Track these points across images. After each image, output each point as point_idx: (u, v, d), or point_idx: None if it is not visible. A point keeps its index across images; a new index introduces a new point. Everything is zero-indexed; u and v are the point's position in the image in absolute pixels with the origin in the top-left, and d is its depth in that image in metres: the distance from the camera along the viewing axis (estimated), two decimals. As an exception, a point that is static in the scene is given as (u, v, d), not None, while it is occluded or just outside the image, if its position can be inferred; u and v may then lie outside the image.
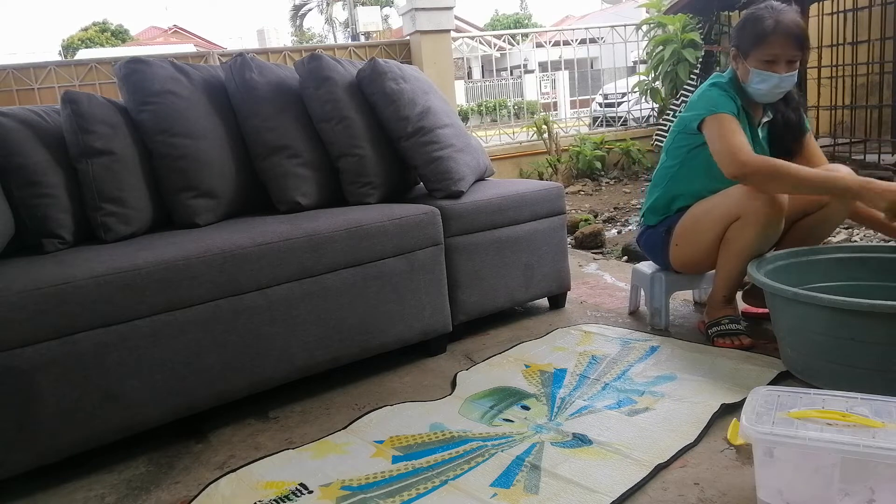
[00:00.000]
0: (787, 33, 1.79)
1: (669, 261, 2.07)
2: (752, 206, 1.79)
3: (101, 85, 4.43)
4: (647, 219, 2.13)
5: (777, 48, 1.81)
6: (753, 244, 1.81)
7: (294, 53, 5.05)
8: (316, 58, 2.08)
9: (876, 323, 1.46)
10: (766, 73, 1.83)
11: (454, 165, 2.14)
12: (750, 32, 1.84)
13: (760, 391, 1.24)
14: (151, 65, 1.92)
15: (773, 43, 1.80)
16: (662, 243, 2.07)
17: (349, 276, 1.82)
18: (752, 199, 1.79)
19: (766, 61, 1.82)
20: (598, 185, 5.50)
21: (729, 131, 1.81)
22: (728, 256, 1.88)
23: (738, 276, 1.92)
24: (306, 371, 1.78)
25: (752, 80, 1.86)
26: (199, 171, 1.89)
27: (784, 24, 1.79)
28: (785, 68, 1.83)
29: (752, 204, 1.78)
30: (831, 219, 1.91)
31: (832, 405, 1.17)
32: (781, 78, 1.83)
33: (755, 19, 1.83)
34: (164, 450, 1.60)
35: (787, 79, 1.84)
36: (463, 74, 11.07)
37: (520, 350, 2.04)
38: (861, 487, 1.03)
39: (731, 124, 1.82)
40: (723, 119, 1.83)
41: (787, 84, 1.85)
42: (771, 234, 1.83)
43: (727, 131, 1.81)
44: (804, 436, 1.06)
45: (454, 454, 1.45)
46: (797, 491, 1.09)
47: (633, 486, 1.28)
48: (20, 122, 1.73)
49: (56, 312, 1.40)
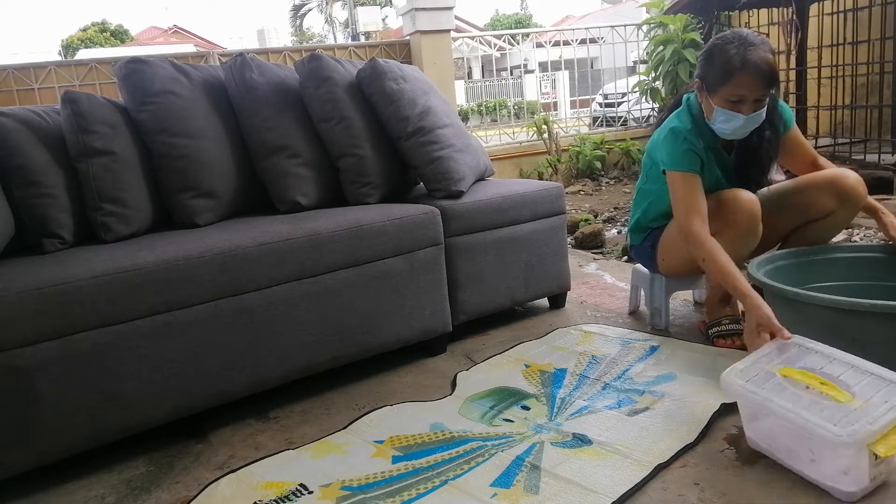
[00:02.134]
0: (755, 73, 1.64)
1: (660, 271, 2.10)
2: (725, 217, 1.78)
3: (101, 85, 4.43)
4: (633, 238, 2.16)
5: (743, 89, 1.67)
6: (735, 252, 1.76)
7: (294, 53, 5.05)
8: (316, 58, 2.08)
9: (876, 323, 1.46)
10: (730, 112, 1.70)
11: (454, 165, 2.14)
12: (715, 67, 1.70)
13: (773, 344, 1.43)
14: (151, 65, 1.92)
15: (739, 83, 1.66)
16: (650, 257, 2.09)
17: (349, 276, 1.82)
18: (726, 212, 1.78)
19: (732, 101, 1.69)
20: (598, 185, 5.50)
21: (684, 192, 1.79)
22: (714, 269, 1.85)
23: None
24: (306, 371, 1.78)
25: (717, 119, 1.74)
26: (199, 171, 1.89)
27: (752, 63, 1.64)
28: (751, 108, 1.69)
29: (726, 216, 1.78)
30: (836, 226, 1.91)
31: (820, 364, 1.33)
32: (747, 119, 1.70)
33: (722, 54, 1.68)
34: (164, 450, 1.60)
35: (753, 119, 1.71)
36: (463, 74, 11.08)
37: (520, 350, 2.04)
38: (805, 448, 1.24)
39: (687, 183, 1.78)
40: (679, 180, 1.79)
41: (752, 125, 1.73)
42: (750, 241, 1.82)
43: (684, 192, 1.79)
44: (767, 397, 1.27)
45: (454, 454, 1.45)
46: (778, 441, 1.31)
47: (633, 487, 1.28)
48: (20, 122, 1.73)
49: (56, 312, 1.40)
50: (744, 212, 1.77)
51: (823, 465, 1.20)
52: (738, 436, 1.45)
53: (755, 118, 1.72)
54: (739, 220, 1.77)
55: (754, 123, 1.74)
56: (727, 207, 1.79)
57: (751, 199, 1.79)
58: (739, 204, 1.77)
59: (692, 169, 1.79)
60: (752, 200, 1.78)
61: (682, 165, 1.79)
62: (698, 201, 1.77)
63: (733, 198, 1.79)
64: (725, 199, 1.80)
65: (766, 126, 1.79)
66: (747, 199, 1.78)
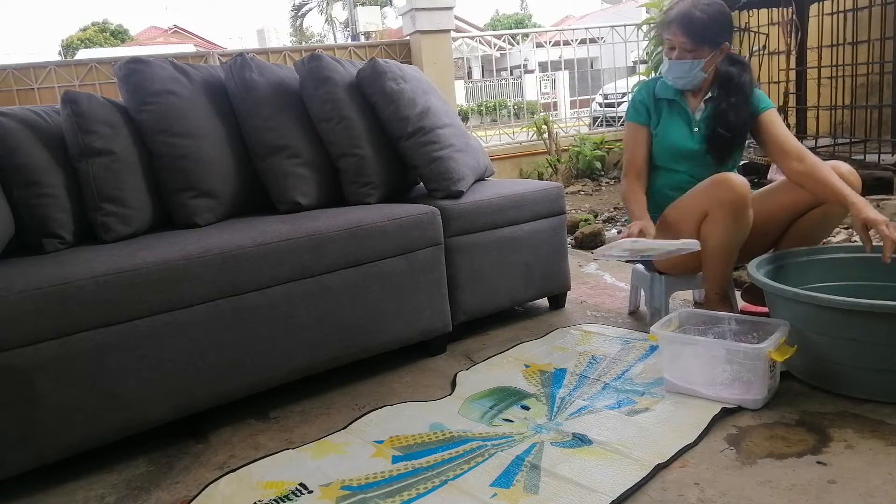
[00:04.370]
0: (675, 20, 1.89)
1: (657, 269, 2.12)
2: (715, 198, 1.83)
3: (101, 85, 4.43)
4: None
5: (670, 34, 1.91)
6: (726, 237, 1.85)
7: (294, 53, 5.05)
8: (316, 58, 2.08)
9: (876, 323, 1.46)
10: (667, 59, 1.95)
11: (454, 165, 2.14)
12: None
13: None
14: (151, 65, 1.92)
15: (667, 30, 1.92)
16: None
17: (349, 276, 1.82)
18: (714, 192, 1.84)
19: (669, 48, 1.93)
20: (598, 185, 5.50)
21: (626, 142, 2.10)
22: (707, 254, 1.91)
23: (724, 273, 1.94)
24: (306, 371, 1.78)
25: (662, 68, 2.00)
26: (199, 171, 1.89)
27: (675, 12, 1.90)
28: (678, 55, 1.91)
29: (716, 196, 1.83)
30: (831, 216, 1.91)
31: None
32: (674, 64, 1.93)
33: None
34: (164, 450, 1.60)
35: (675, 66, 1.93)
36: (463, 74, 11.07)
37: (520, 350, 2.04)
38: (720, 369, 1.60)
39: (630, 134, 2.08)
40: (627, 130, 2.10)
41: (676, 71, 1.94)
42: (741, 225, 1.84)
43: (626, 142, 2.10)
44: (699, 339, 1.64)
45: (454, 454, 1.45)
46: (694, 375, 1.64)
47: (633, 486, 1.28)
48: (20, 122, 1.73)
49: (56, 312, 1.40)
50: (732, 192, 1.81)
51: (734, 386, 1.57)
52: (738, 436, 1.45)
53: (676, 66, 1.93)
54: (725, 200, 1.81)
55: (677, 71, 1.94)
56: (717, 188, 1.84)
57: (741, 181, 1.82)
58: (728, 185, 1.81)
59: (636, 120, 2.06)
60: (741, 183, 1.82)
61: (629, 115, 2.09)
62: (636, 154, 2.05)
63: (723, 179, 1.83)
64: (717, 180, 1.85)
65: (732, 93, 1.95)
66: (737, 182, 1.82)
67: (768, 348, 1.50)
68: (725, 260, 1.90)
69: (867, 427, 1.44)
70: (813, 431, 1.45)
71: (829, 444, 1.39)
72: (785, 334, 1.57)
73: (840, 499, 1.20)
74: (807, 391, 1.62)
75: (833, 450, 1.37)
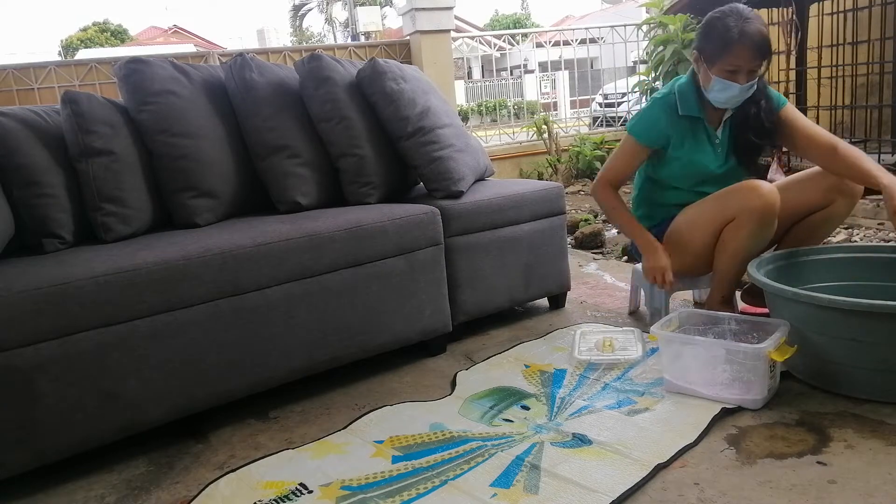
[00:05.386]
0: (751, 44, 1.74)
1: None
2: (746, 206, 1.80)
3: (101, 85, 4.43)
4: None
5: (741, 59, 1.75)
6: (748, 244, 1.83)
7: (294, 53, 5.05)
8: (316, 58, 2.08)
9: (876, 323, 1.46)
10: (727, 82, 1.78)
11: (454, 165, 2.14)
12: (714, 39, 1.78)
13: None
14: (151, 65, 1.92)
15: (737, 53, 1.75)
16: None
17: (349, 276, 1.81)
18: (745, 198, 1.80)
19: (729, 71, 1.77)
20: (598, 185, 5.49)
21: (620, 152, 2.00)
22: (724, 258, 1.89)
23: (735, 277, 1.93)
24: (306, 371, 1.78)
25: (713, 88, 1.82)
26: (199, 171, 1.89)
27: (749, 35, 1.73)
28: (746, 78, 1.78)
29: (747, 205, 1.79)
30: (834, 217, 1.91)
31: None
32: (742, 88, 1.78)
33: (721, 26, 1.76)
34: (164, 450, 1.60)
35: (747, 89, 1.80)
36: (463, 74, 11.08)
37: (520, 350, 2.04)
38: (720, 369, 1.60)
39: (628, 148, 1.98)
40: (626, 142, 1.98)
41: (745, 94, 1.81)
42: (766, 234, 1.84)
43: (619, 152, 2.00)
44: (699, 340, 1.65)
45: (454, 454, 1.45)
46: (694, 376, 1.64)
47: (633, 486, 1.28)
48: (20, 122, 1.73)
49: (56, 312, 1.40)
50: (763, 199, 1.78)
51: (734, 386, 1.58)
52: (738, 436, 1.45)
53: (749, 88, 1.81)
54: (756, 207, 1.78)
55: (747, 93, 1.82)
56: (748, 194, 1.80)
57: (771, 189, 1.80)
58: (760, 192, 1.79)
59: (644, 141, 1.94)
60: (772, 191, 1.80)
61: (637, 131, 1.95)
62: (625, 169, 2.00)
63: (756, 185, 1.80)
64: (748, 186, 1.82)
65: (760, 96, 1.87)
66: (768, 189, 1.79)
67: (768, 348, 1.51)
68: (740, 266, 1.87)
69: (867, 427, 1.44)
70: (813, 431, 1.45)
71: (829, 444, 1.39)
72: (785, 334, 1.56)
73: (840, 499, 1.20)
74: (807, 391, 1.62)
75: (833, 450, 1.37)
